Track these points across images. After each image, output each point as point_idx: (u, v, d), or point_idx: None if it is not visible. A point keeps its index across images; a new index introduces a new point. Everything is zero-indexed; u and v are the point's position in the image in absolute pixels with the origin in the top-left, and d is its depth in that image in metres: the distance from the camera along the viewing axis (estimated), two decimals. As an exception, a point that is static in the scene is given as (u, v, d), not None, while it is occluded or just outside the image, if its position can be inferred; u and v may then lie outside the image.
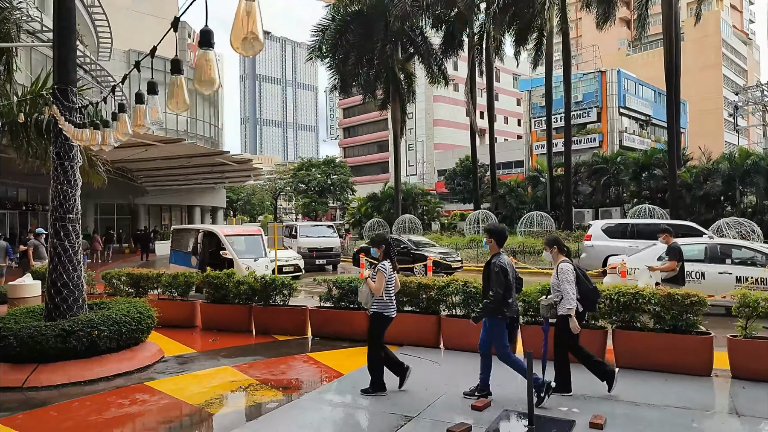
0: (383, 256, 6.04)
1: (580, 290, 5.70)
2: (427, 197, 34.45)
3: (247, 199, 70.54)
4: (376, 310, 5.98)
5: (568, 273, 5.66)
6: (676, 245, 8.30)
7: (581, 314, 5.78)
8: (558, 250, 5.93)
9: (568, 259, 5.87)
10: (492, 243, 5.80)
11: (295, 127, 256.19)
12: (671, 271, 8.05)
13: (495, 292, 5.44)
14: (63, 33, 7.18)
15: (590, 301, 5.76)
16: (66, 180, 7.15)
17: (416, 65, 34.87)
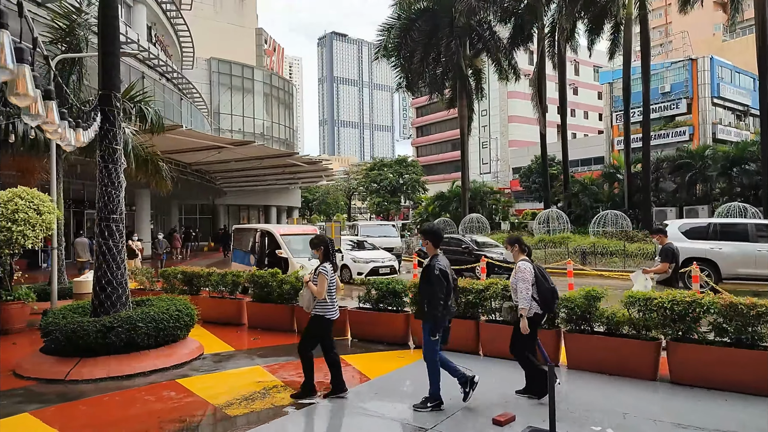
0: (323, 257, 5.93)
1: (538, 290, 5.55)
2: (496, 196, 33.53)
3: (322, 198, 72.04)
4: (317, 313, 5.89)
5: (525, 272, 5.54)
6: (670, 246, 8.04)
7: (540, 315, 5.63)
8: (519, 249, 5.81)
9: (528, 259, 5.73)
10: (428, 245, 5.54)
11: (372, 127, 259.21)
12: (664, 273, 7.87)
13: (436, 297, 5.22)
14: (107, 41, 7.46)
15: (547, 302, 5.59)
16: (110, 182, 7.44)
17: (486, 61, 34.08)
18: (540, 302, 5.59)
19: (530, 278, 5.55)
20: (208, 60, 49.87)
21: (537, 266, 5.70)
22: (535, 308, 5.60)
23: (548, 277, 5.68)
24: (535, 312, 5.59)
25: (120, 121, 7.55)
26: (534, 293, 5.57)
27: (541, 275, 5.62)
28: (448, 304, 5.37)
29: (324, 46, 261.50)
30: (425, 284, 5.40)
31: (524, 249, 5.86)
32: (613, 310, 6.73)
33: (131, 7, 31.99)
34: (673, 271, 7.93)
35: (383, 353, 7.95)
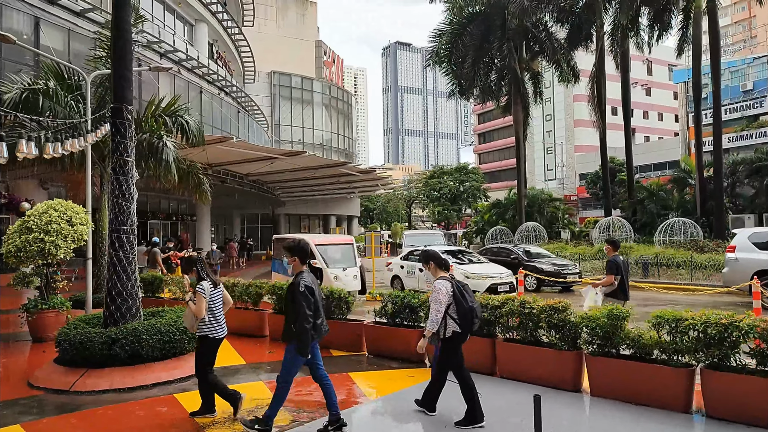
0: (197, 276, 5.70)
1: (458, 310, 5.31)
2: (555, 203, 32.10)
3: (382, 207, 72.20)
4: (201, 334, 5.69)
5: (439, 292, 5.32)
6: (615, 259, 8.08)
7: (459, 334, 5.36)
8: (435, 266, 5.57)
9: (446, 277, 5.48)
10: (295, 261, 5.27)
11: (436, 135, 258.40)
12: (610, 286, 7.93)
13: (305, 316, 4.92)
14: (118, 57, 7.56)
15: (467, 322, 5.33)
16: (121, 193, 7.50)
17: (544, 64, 32.92)
18: (459, 322, 5.33)
19: (444, 299, 5.31)
20: (269, 73, 51.32)
21: (458, 284, 5.43)
22: (453, 327, 5.34)
23: (468, 296, 5.39)
24: (453, 331, 5.34)
25: (132, 134, 7.61)
26: (452, 312, 5.33)
27: (460, 294, 5.34)
28: (317, 322, 5.11)
29: (388, 56, 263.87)
30: (291, 303, 5.11)
31: (442, 265, 5.62)
32: (639, 331, 6.00)
33: (193, 25, 33.36)
34: (620, 283, 7.97)
35: (394, 371, 7.53)
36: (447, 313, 5.34)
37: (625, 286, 8.06)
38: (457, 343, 5.44)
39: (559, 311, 6.54)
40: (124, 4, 7.63)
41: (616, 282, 7.95)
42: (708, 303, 14.24)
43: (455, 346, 5.44)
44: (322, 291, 8.85)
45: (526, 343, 6.86)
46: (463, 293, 5.37)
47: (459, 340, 5.43)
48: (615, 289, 7.95)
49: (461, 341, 5.46)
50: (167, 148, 11.84)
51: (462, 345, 5.53)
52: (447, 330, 5.35)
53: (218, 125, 30.17)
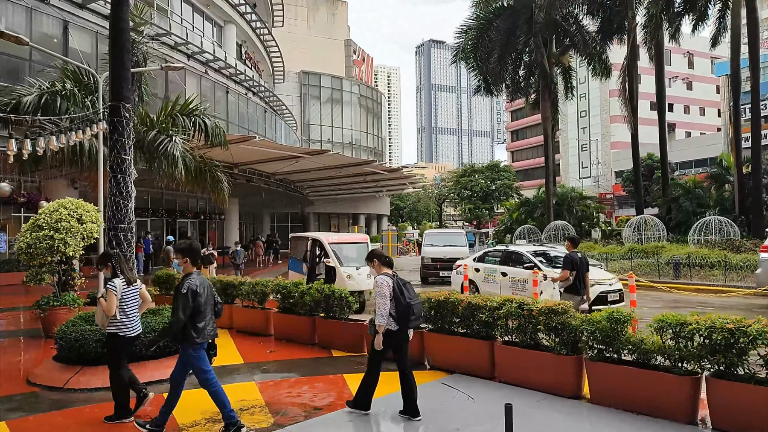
0: (111, 273, 5.65)
1: (396, 306, 5.35)
2: (585, 201, 31.20)
3: (412, 206, 71.89)
4: (111, 331, 5.65)
5: (382, 287, 5.38)
6: (572, 255, 8.50)
7: (393, 332, 5.39)
8: (379, 263, 5.63)
9: (389, 273, 5.53)
10: (186, 263, 5.19)
11: (470, 133, 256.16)
12: (566, 281, 8.40)
13: (176, 318, 4.91)
14: (115, 52, 7.57)
15: (403, 318, 5.37)
16: (118, 191, 7.52)
17: (575, 58, 32.07)
18: (396, 318, 5.37)
19: (387, 292, 5.36)
20: (298, 73, 51.68)
21: (398, 281, 5.48)
22: (390, 324, 5.38)
23: (407, 293, 5.42)
24: (387, 329, 5.38)
25: (130, 131, 7.62)
26: (391, 309, 5.36)
27: (399, 291, 5.38)
28: (199, 326, 5.04)
29: (422, 54, 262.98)
30: (175, 304, 5.04)
31: (385, 262, 5.65)
32: (641, 336, 5.63)
33: (222, 27, 33.79)
34: (575, 278, 8.40)
35: (391, 374, 7.21)
36: None
37: (579, 282, 8.45)
38: (391, 338, 5.45)
39: (559, 314, 6.21)
40: (121, 3, 7.65)
41: (571, 277, 8.39)
42: (741, 305, 13.53)
43: (389, 341, 5.46)
44: (325, 290, 8.75)
45: (525, 346, 6.55)
46: (402, 290, 5.40)
47: (394, 336, 5.44)
48: (571, 284, 8.42)
49: (397, 336, 5.47)
50: (174, 145, 11.87)
51: (398, 341, 5.55)
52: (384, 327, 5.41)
53: (245, 125, 30.48)
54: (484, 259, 14.08)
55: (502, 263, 13.23)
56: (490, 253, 14.30)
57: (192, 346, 5.08)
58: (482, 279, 13.63)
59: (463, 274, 14.00)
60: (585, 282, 8.54)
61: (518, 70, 30.15)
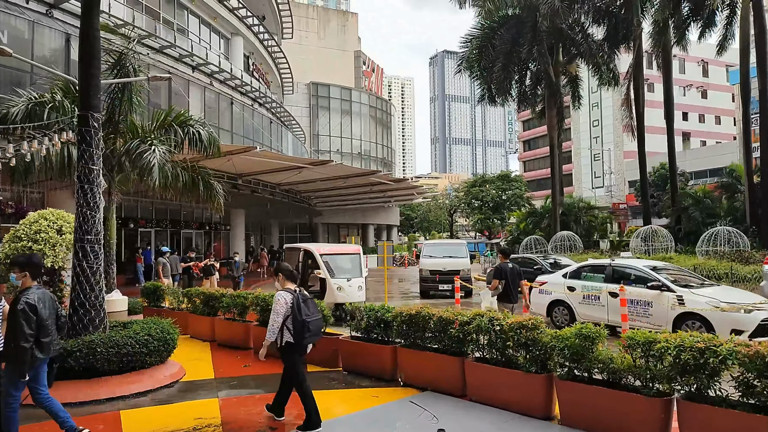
0: None
1: (293, 321, 5.46)
2: (593, 212, 30.65)
3: (423, 216, 71.55)
4: None
5: (278, 303, 5.52)
6: (502, 266, 9.26)
7: (292, 345, 5.52)
8: (284, 278, 5.76)
9: (291, 289, 5.64)
10: (26, 277, 5.05)
11: (484, 143, 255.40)
12: (496, 290, 9.15)
13: (22, 339, 4.70)
14: (85, 61, 7.48)
15: (298, 333, 5.46)
16: (86, 202, 7.39)
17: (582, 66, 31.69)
18: (293, 332, 5.49)
19: (282, 310, 5.50)
20: (308, 84, 51.86)
21: (299, 297, 5.57)
22: (288, 338, 5.52)
23: (306, 310, 5.52)
24: (287, 341, 5.53)
25: (99, 141, 7.51)
26: (289, 323, 5.50)
27: (297, 307, 5.48)
28: (44, 341, 4.89)
29: (435, 65, 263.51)
30: (10, 320, 4.83)
31: (290, 277, 5.80)
32: (610, 354, 5.32)
33: (229, 39, 34.02)
34: (505, 287, 9.11)
35: (361, 390, 7.05)
36: (285, 324, 5.52)
37: (509, 291, 9.13)
38: (293, 352, 5.60)
39: (529, 329, 5.91)
40: (91, 13, 7.57)
41: (501, 287, 9.15)
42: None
43: (291, 353, 5.60)
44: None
45: (496, 363, 6.25)
46: (300, 306, 5.49)
47: (294, 350, 5.58)
48: (502, 292, 9.16)
49: (296, 351, 5.61)
50: (153, 155, 11.75)
51: (301, 354, 5.75)
52: (282, 339, 5.55)
53: (249, 136, 30.52)
54: (580, 275, 11.83)
55: (610, 281, 11.06)
56: (588, 268, 12.09)
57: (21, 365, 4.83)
58: (579, 300, 11.36)
59: (549, 293, 11.99)
60: (517, 290, 9.31)
61: (524, 79, 29.86)
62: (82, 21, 7.59)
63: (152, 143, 12.18)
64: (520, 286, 9.37)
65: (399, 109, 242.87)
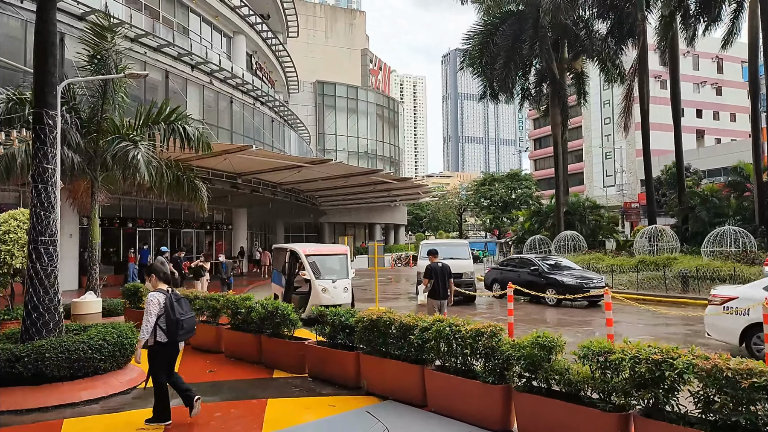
0: None
1: (166, 320, 5.58)
2: (599, 211, 30.03)
3: (432, 215, 71.10)
4: None
5: (150, 303, 5.62)
6: (432, 265, 10.12)
7: (163, 344, 5.63)
8: (156, 279, 5.88)
9: (163, 289, 5.77)
10: None
11: (497, 141, 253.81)
12: (428, 287, 10.13)
13: None
14: (39, 56, 7.27)
15: (171, 332, 5.60)
16: (40, 202, 7.18)
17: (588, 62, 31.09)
18: (166, 331, 5.60)
19: (155, 310, 5.59)
20: (314, 83, 51.66)
21: (172, 296, 5.72)
22: (160, 337, 5.62)
23: (179, 309, 5.66)
24: (157, 341, 5.61)
25: (54, 139, 7.29)
26: (162, 323, 5.60)
27: (171, 306, 5.61)
28: None
29: (448, 63, 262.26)
30: None
31: (162, 277, 5.89)
32: (566, 364, 4.95)
33: (231, 38, 33.90)
34: (434, 285, 10.03)
35: (320, 399, 6.74)
36: (157, 323, 5.59)
37: (438, 288, 10.03)
38: (164, 351, 5.70)
39: (487, 337, 5.56)
40: (46, 8, 7.35)
41: (430, 285, 10.08)
42: (746, 323, 12.49)
43: (163, 354, 5.71)
44: (269, 306, 8.22)
45: (454, 372, 5.91)
46: (173, 305, 5.62)
47: (166, 349, 5.68)
48: (432, 289, 10.08)
49: (168, 350, 5.72)
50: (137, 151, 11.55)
51: (173, 354, 5.84)
52: (154, 338, 5.62)
53: (250, 135, 30.36)
54: None
55: None
56: None
57: None
58: None
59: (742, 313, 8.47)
60: (446, 287, 10.08)
61: (528, 76, 29.37)
62: (37, 16, 7.37)
63: (135, 141, 11.99)
64: (448, 284, 10.19)
65: (411, 108, 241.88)
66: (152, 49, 24.54)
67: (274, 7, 42.82)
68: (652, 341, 4.59)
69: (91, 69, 13.15)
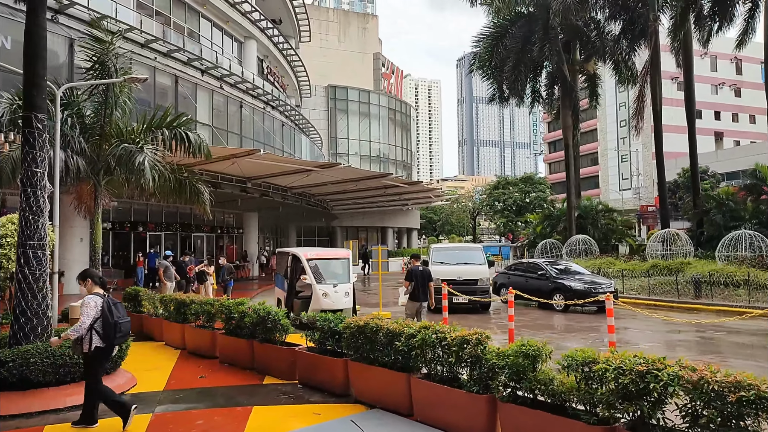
0: None
1: (103, 324, 5.61)
2: (611, 214, 29.53)
3: (445, 219, 70.77)
4: None
5: (87, 306, 5.64)
6: (413, 269, 10.59)
7: (101, 349, 5.66)
8: (92, 283, 5.92)
9: (100, 293, 5.82)
10: None
11: (513, 145, 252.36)
12: (408, 289, 10.57)
13: None
14: (28, 59, 7.26)
15: (108, 336, 5.66)
16: (28, 206, 7.15)
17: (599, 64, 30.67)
18: (102, 336, 5.62)
19: (92, 312, 5.59)
20: (326, 87, 51.77)
21: (108, 300, 5.78)
22: (97, 342, 5.62)
23: (116, 312, 5.72)
24: (95, 346, 5.61)
25: (43, 143, 7.27)
26: (98, 327, 5.61)
27: (108, 310, 5.66)
28: None
29: (462, 66, 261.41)
30: None
31: (97, 282, 5.95)
32: (551, 374, 4.75)
33: (242, 43, 34.09)
34: (415, 288, 10.41)
35: (307, 407, 6.61)
36: (93, 327, 5.58)
37: (418, 291, 10.43)
38: (103, 356, 5.73)
39: (472, 344, 5.38)
40: (36, 10, 7.35)
41: (410, 288, 10.49)
42: (760, 329, 12.13)
43: (99, 359, 5.73)
44: (260, 311, 8.11)
45: (440, 381, 5.73)
46: (111, 309, 5.67)
47: (103, 353, 5.71)
48: (412, 292, 10.47)
49: (107, 354, 5.78)
50: (143, 155, 11.58)
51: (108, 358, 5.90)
52: (91, 344, 5.60)
53: (260, 139, 30.45)
54: None
55: None
56: None
57: None
58: None
59: None
60: (426, 290, 10.51)
61: (538, 78, 29.04)
62: (27, 18, 7.38)
63: (140, 145, 12.04)
64: (428, 287, 10.58)
65: (426, 111, 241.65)
66: (162, 54, 24.73)
67: (286, 12, 43.03)
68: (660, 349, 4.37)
69: (93, 74, 13.25)
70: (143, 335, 11.66)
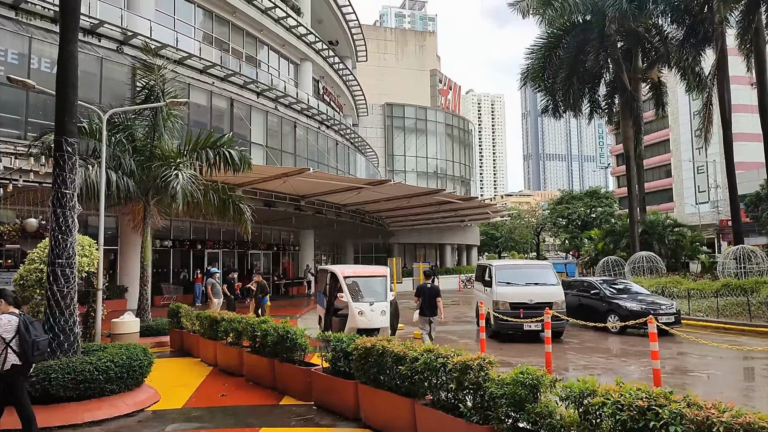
0: None
1: (20, 343, 5.60)
2: (680, 229, 27.66)
3: (507, 236, 69.15)
4: None
5: (2, 327, 5.59)
6: (422, 285, 11.35)
7: (19, 366, 5.62)
8: (6, 303, 5.86)
9: (15, 312, 5.82)
10: None
11: (580, 158, 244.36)
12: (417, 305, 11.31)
13: None
14: (60, 86, 7.63)
15: (25, 354, 5.62)
16: (58, 226, 7.46)
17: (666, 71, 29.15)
18: (19, 354, 5.60)
19: (11, 332, 5.58)
20: (382, 105, 52.22)
21: (25, 319, 5.75)
22: (13, 360, 5.58)
23: (33, 331, 5.69)
24: (12, 364, 5.58)
25: (73, 165, 7.59)
26: (15, 345, 5.60)
27: (25, 328, 5.65)
28: None
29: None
30: None
31: (11, 302, 5.90)
32: (552, 406, 4.33)
33: (298, 64, 35.01)
34: (422, 304, 11.10)
35: (314, 429, 6.43)
36: (9, 346, 5.55)
37: (425, 306, 11.06)
38: (19, 375, 5.67)
39: (473, 370, 5.02)
40: (69, 39, 7.74)
41: (418, 304, 11.19)
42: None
43: (17, 378, 5.69)
44: (279, 330, 8.06)
45: (442, 407, 5.40)
46: (28, 327, 5.66)
47: (20, 372, 5.66)
48: (420, 307, 11.14)
49: (25, 372, 5.74)
50: (178, 179, 11.94)
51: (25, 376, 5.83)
52: (6, 363, 5.55)
53: (314, 158, 30.95)
54: None
55: None
56: None
57: None
58: None
59: None
60: (434, 306, 11.03)
61: (597, 88, 27.91)
62: (59, 47, 7.77)
63: (178, 167, 12.42)
64: (436, 303, 10.99)
65: (489, 126, 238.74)
66: (219, 79, 25.75)
67: (342, 33, 43.89)
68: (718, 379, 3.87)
69: (142, 98, 13.93)
70: (183, 351, 11.94)
